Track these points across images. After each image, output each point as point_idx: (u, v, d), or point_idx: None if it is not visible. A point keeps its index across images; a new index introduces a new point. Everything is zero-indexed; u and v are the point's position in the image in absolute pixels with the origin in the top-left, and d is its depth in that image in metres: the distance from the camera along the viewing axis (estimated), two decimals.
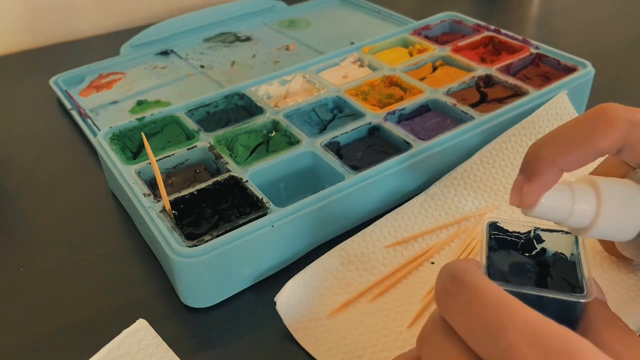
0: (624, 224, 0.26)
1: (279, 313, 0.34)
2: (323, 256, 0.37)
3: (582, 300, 0.23)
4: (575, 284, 0.25)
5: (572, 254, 0.27)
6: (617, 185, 0.26)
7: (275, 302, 0.34)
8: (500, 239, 0.27)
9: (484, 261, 0.25)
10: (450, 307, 0.21)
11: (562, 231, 0.27)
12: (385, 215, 0.40)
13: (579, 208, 0.25)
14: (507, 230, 0.28)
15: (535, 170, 0.25)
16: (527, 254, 0.27)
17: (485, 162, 0.44)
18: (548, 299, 0.23)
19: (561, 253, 0.27)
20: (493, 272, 0.25)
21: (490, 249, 0.26)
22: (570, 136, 0.25)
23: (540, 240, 0.28)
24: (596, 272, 0.35)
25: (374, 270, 0.37)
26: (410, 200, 0.42)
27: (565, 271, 0.26)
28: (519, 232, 0.28)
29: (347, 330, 0.33)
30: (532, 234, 0.28)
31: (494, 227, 0.28)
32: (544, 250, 0.27)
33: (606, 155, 0.28)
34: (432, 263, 0.37)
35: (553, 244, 0.27)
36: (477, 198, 0.42)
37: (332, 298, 0.35)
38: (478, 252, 0.27)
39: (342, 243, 0.38)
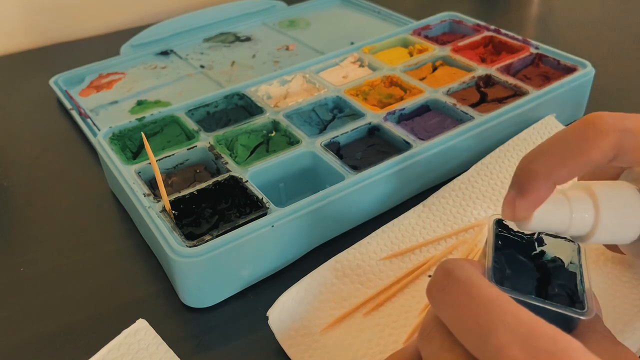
0: (624, 227, 0.26)
1: (271, 328, 0.33)
2: (317, 269, 0.36)
3: (582, 317, 0.23)
4: (575, 297, 0.25)
5: (571, 262, 0.27)
6: (613, 189, 0.26)
7: (267, 317, 0.33)
8: (503, 237, 0.28)
9: (490, 262, 0.25)
10: (440, 302, 0.21)
11: (565, 238, 0.27)
12: (382, 227, 0.39)
13: (577, 217, 0.25)
14: (512, 230, 0.28)
15: (527, 185, 0.25)
16: (526, 255, 0.27)
17: (483, 174, 0.43)
18: (547, 310, 0.23)
19: (559, 258, 0.27)
20: (496, 273, 0.25)
21: (496, 249, 0.26)
22: (561, 149, 0.24)
23: (541, 243, 0.28)
24: (599, 286, 0.34)
25: (370, 284, 0.36)
26: (408, 212, 0.41)
27: (566, 280, 0.26)
28: (522, 233, 0.28)
29: (341, 346, 0.32)
30: (535, 236, 0.28)
31: (499, 224, 0.28)
32: (542, 252, 0.27)
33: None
34: (430, 276, 0.36)
35: (554, 248, 0.27)
36: (475, 209, 0.41)
37: (327, 312, 0.34)
38: (480, 257, 0.27)
39: (337, 255, 0.37)
